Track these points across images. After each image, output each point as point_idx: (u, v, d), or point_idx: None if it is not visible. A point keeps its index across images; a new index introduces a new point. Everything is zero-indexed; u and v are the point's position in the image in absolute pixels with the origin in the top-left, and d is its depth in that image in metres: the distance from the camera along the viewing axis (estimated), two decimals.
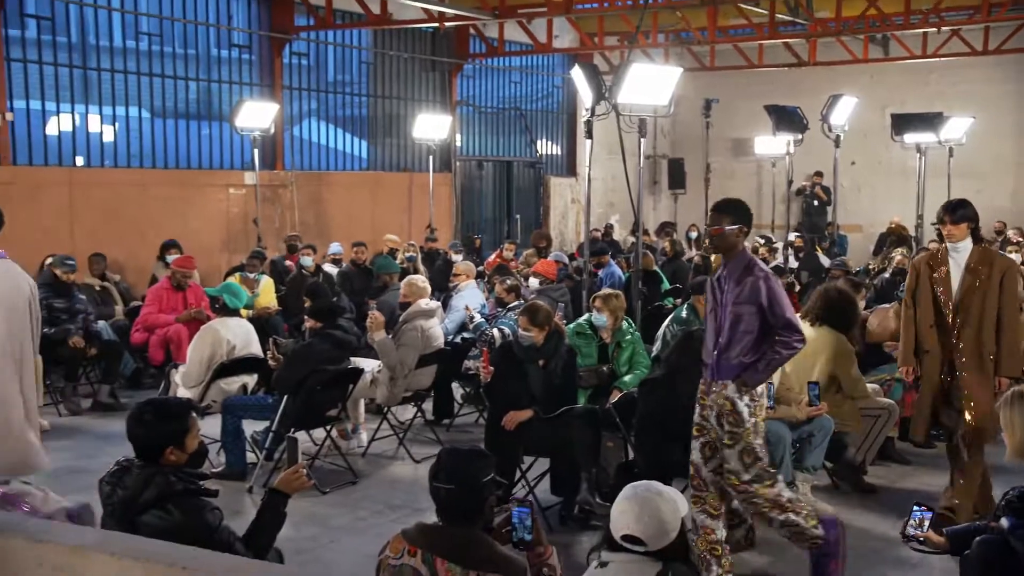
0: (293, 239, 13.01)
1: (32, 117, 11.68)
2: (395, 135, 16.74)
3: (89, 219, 11.81)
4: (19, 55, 11.47)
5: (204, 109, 13.84)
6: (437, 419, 8.78)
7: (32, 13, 11.62)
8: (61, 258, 9.61)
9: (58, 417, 8.96)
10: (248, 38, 14.23)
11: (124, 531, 3.57)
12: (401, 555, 3.21)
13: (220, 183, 13.67)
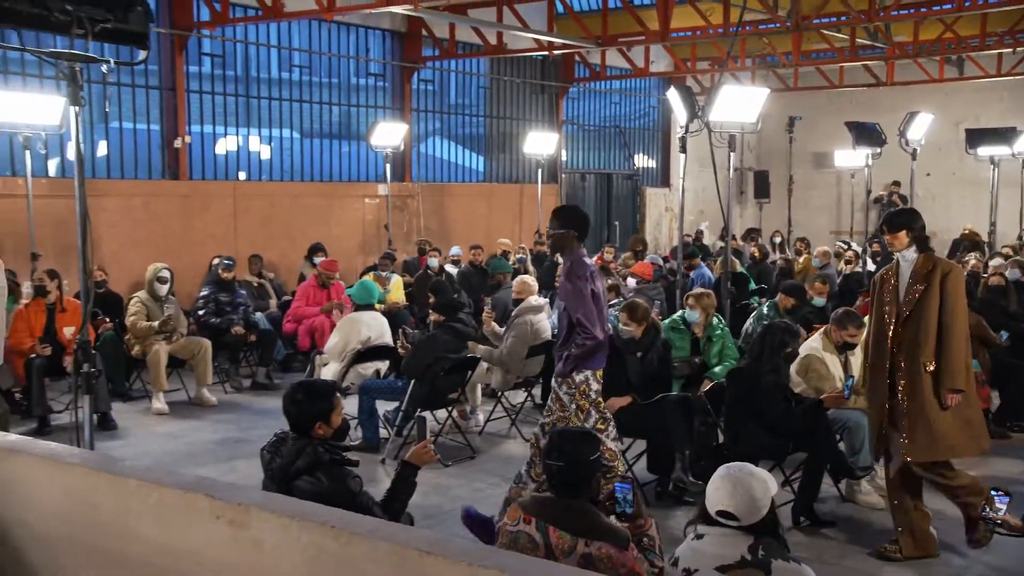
0: (423, 243, 13.20)
1: (205, 139, 12.09)
2: (508, 151, 16.81)
3: (249, 225, 12.16)
4: (196, 87, 11.89)
5: (344, 130, 14.13)
6: (545, 403, 8.79)
7: (207, 52, 12.04)
8: (223, 258, 9.95)
9: (224, 394, 9.26)
10: (383, 68, 14.47)
11: (281, 493, 3.68)
12: (517, 522, 3.23)
13: (357, 194, 13.93)
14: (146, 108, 11.36)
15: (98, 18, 3.92)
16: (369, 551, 2.76)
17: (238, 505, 3.01)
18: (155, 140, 11.56)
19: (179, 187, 11.54)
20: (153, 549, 3.17)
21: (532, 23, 13.34)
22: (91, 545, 3.32)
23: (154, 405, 8.53)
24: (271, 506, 3.01)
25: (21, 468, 3.50)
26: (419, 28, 14.22)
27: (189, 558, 3.09)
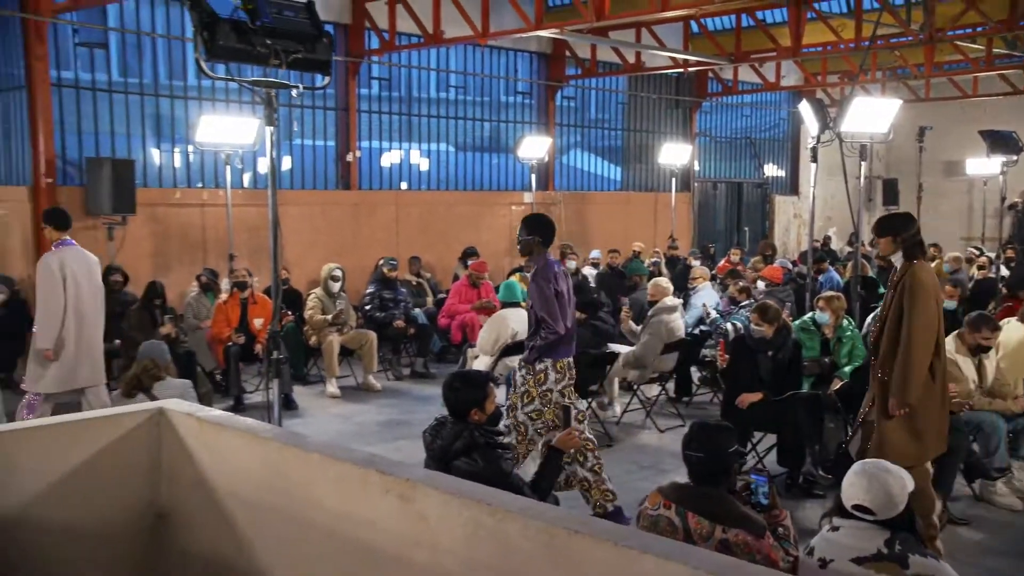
0: (564, 247, 13.20)
1: (372, 153, 12.49)
2: (644, 161, 16.63)
3: (409, 230, 12.47)
4: (366, 108, 12.31)
5: (494, 143, 14.31)
6: (678, 397, 8.67)
7: (376, 76, 12.44)
8: (387, 259, 10.26)
9: (387, 381, 9.53)
10: (529, 87, 14.59)
11: (441, 471, 3.77)
12: (658, 507, 3.20)
13: (505, 202, 14.09)
14: (323, 127, 11.84)
15: (291, 50, 4.13)
16: (522, 528, 2.79)
17: (406, 481, 3.11)
18: (330, 155, 12.03)
19: (350, 196, 11.96)
20: (333, 516, 3.31)
21: (668, 42, 13.18)
22: (282, 510, 3.49)
23: (328, 389, 8.88)
24: (434, 483, 3.08)
25: (226, 440, 3.72)
26: (563, 50, 14.26)
27: (364, 526, 3.21)
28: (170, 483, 4.03)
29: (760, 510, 3.33)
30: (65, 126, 9.44)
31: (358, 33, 11.62)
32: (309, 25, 4.20)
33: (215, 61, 4.09)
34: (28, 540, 3.61)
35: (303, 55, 4.20)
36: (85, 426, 4.00)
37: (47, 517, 3.66)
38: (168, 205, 10.12)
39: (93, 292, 6.52)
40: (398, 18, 11.37)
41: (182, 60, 10.46)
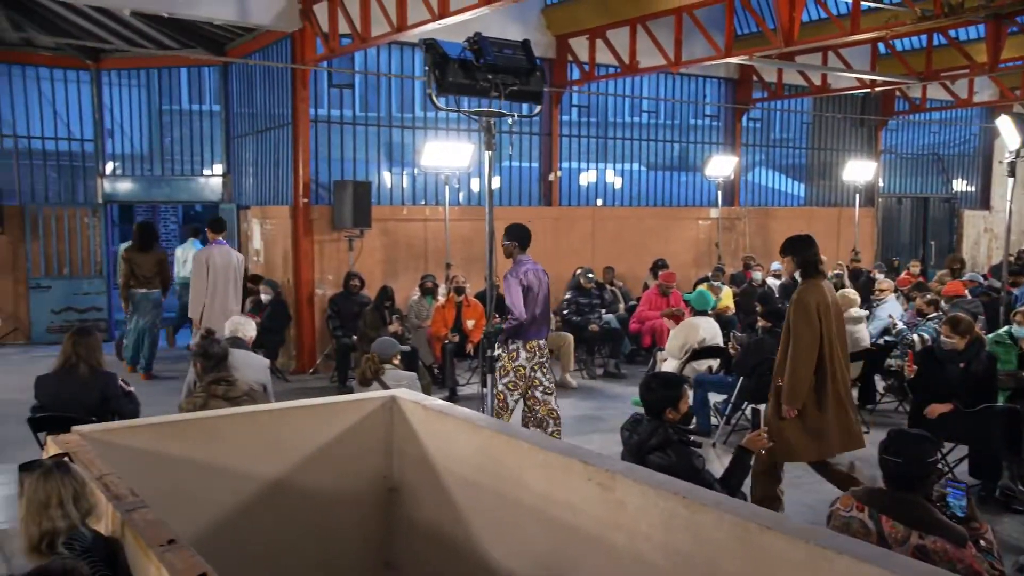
0: (748, 258, 12.73)
1: (571, 173, 12.60)
2: (827, 178, 15.69)
3: (604, 242, 12.46)
4: (566, 132, 12.45)
5: (683, 162, 14.01)
6: (862, 404, 8.10)
7: (575, 103, 12.56)
8: (584, 269, 10.30)
9: (582, 379, 9.56)
10: (717, 110, 14.18)
11: (637, 464, 3.73)
12: (850, 509, 3.00)
13: (692, 217, 13.75)
14: (529, 150, 12.08)
15: (509, 83, 4.24)
16: (715, 520, 2.71)
17: (606, 471, 3.10)
18: (534, 175, 12.24)
19: (551, 212, 12.12)
20: (539, 498, 3.35)
21: (855, 63, 12.37)
22: (495, 490, 3.58)
23: None
24: (633, 475, 3.05)
25: (447, 426, 3.86)
26: (750, 75, 13.75)
27: (566, 509, 3.22)
28: (400, 461, 4.24)
29: (957, 522, 3.04)
30: (318, 155, 10.19)
31: (561, 66, 11.76)
32: (525, 61, 4.30)
33: (444, 95, 4.26)
34: (291, 503, 3.91)
35: (519, 87, 4.30)
36: (333, 409, 4.29)
37: (305, 484, 3.95)
38: (396, 220, 10.67)
39: (228, 278, 8.18)
40: (597, 52, 11.40)
41: (411, 96, 11.02)
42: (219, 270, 8.13)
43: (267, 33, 10.08)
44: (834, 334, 4.86)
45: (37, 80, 12.02)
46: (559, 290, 10.90)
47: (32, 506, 2.44)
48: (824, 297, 4.88)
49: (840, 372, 4.88)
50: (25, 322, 11.80)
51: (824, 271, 5.07)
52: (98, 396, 4.95)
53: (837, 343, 4.87)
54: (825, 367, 4.82)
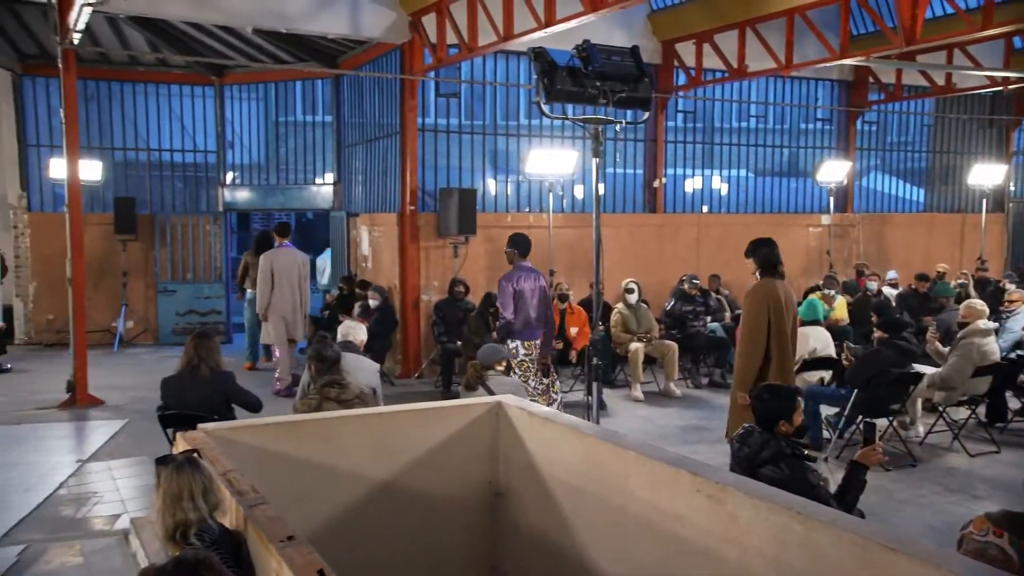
0: (861, 266, 12.23)
1: (676, 180, 12.42)
2: (950, 183, 14.87)
3: (709, 249, 12.22)
4: (671, 138, 12.29)
5: (792, 168, 13.58)
6: (991, 422, 7.62)
7: (681, 109, 12.37)
8: (690, 277, 10.12)
9: (686, 388, 9.39)
10: (830, 113, 13.68)
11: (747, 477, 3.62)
12: (986, 533, 2.80)
13: (802, 224, 13.30)
14: (633, 156, 11.98)
15: (617, 90, 4.23)
16: (833, 539, 2.61)
17: (716, 483, 3.03)
18: (639, 182, 12.13)
19: (655, 219, 11.98)
20: (646, 508, 3.31)
21: (985, 61, 11.67)
22: (600, 497, 3.56)
23: (633, 393, 8.94)
24: (744, 488, 2.98)
25: (553, 432, 3.87)
26: (866, 76, 13.19)
27: (674, 520, 3.17)
28: (505, 466, 4.28)
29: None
30: (425, 163, 10.42)
31: (667, 71, 11.62)
32: (633, 67, 4.27)
33: (552, 102, 4.28)
34: (399, 504, 4.01)
35: (627, 94, 4.28)
36: (440, 413, 4.37)
37: (412, 486, 4.04)
38: (501, 227, 10.76)
39: (292, 276, 9.02)
40: (704, 56, 11.20)
41: (516, 103, 11.12)
42: (283, 270, 9.03)
43: (377, 45, 10.39)
44: (785, 330, 5.27)
45: (168, 97, 12.81)
46: (663, 297, 10.74)
47: (167, 498, 2.60)
48: (776, 295, 5.30)
49: (787, 365, 5.30)
50: (153, 323, 12.56)
51: (782, 272, 5.41)
52: (219, 394, 5.21)
53: (787, 339, 5.30)
54: (772, 359, 5.22)
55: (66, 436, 7.37)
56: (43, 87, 12.25)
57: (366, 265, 11.11)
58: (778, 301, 5.22)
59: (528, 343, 6.71)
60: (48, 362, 10.78)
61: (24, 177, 12.34)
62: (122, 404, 8.38)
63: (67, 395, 8.34)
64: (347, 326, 6.18)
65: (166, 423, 5.19)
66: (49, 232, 11.88)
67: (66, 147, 8.26)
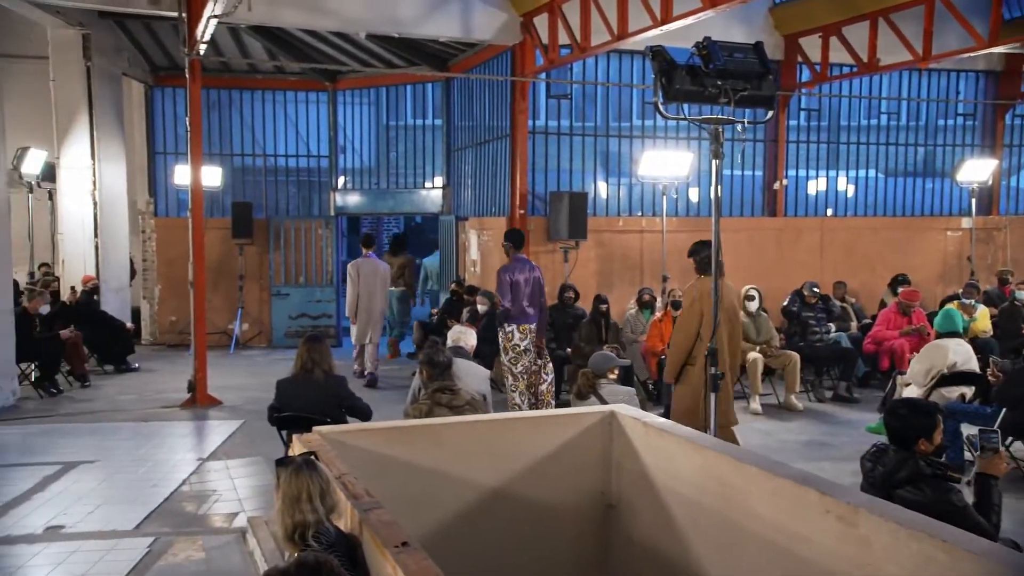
0: (1004, 273, 11.48)
1: (799, 182, 12.04)
2: None
3: (833, 255, 11.78)
4: (794, 138, 11.92)
5: (927, 168, 12.92)
6: None
7: (804, 107, 11.98)
8: (810, 284, 9.78)
9: (808, 402, 9.05)
10: (973, 107, 12.93)
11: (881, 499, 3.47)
12: None
13: (939, 227, 12.62)
14: (752, 157, 11.69)
15: (739, 88, 4.14)
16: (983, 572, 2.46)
17: (847, 504, 2.92)
18: (758, 184, 11.83)
19: (775, 223, 11.64)
20: (768, 527, 3.21)
21: None
22: (718, 513, 3.49)
23: (751, 405, 8.70)
24: (880, 510, 2.85)
25: (668, 444, 3.82)
26: (1018, 65, 12.37)
27: (800, 542, 3.07)
28: (618, 477, 4.25)
29: None
30: (535, 166, 10.50)
31: (790, 68, 11.27)
32: (757, 64, 4.17)
33: (670, 103, 4.24)
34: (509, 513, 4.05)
35: (749, 92, 4.18)
36: (552, 421, 4.40)
37: (523, 495, 4.07)
38: (612, 231, 10.73)
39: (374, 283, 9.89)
40: (831, 50, 10.80)
41: (628, 104, 11.05)
42: (366, 277, 10.02)
43: (488, 47, 10.55)
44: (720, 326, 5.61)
45: (284, 104, 13.44)
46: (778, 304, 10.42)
47: (286, 499, 2.71)
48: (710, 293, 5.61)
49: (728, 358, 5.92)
50: (267, 326, 13.16)
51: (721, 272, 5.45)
52: (332, 398, 5.40)
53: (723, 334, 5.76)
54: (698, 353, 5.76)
55: (188, 434, 7.82)
56: (171, 97, 13.08)
57: (475, 270, 11.28)
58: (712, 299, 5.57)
59: (523, 327, 7.68)
60: (171, 362, 11.47)
61: (152, 183, 13.20)
62: (238, 405, 8.82)
63: (188, 395, 8.84)
64: (457, 331, 6.28)
65: (280, 424, 5.42)
66: (173, 236, 12.64)
67: (190, 154, 8.78)
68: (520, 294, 7.60)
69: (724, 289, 5.73)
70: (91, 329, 10.24)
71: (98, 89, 11.36)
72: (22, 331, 8.91)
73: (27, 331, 9.01)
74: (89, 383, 9.79)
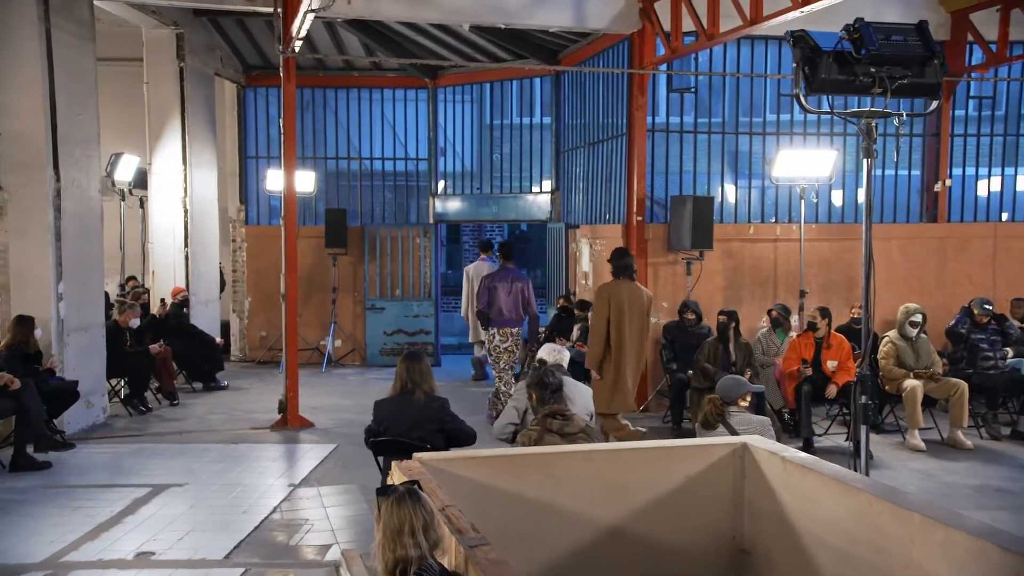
0: None
1: (966, 181, 11.48)
2: None
3: (1009, 267, 11.15)
4: (960, 131, 11.38)
5: None
6: None
7: (975, 94, 11.41)
8: (980, 300, 9.32)
9: (980, 439, 8.61)
10: None
11: None
12: None
13: None
14: (907, 155, 11.24)
15: (896, 76, 4.00)
16: None
17: None
18: (914, 185, 11.36)
19: (935, 229, 11.14)
20: None
21: None
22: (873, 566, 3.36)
23: (909, 440, 8.34)
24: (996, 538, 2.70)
25: (811, 484, 3.71)
26: None
27: None
28: (752, 519, 4.16)
29: None
30: (654, 167, 10.41)
31: (957, 49, 10.74)
32: (920, 47, 4.02)
33: (814, 95, 4.14)
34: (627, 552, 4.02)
35: (909, 80, 4.03)
36: (675, 453, 4.35)
37: (643, 534, 4.04)
38: (742, 240, 10.51)
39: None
40: (1012, 25, 10.21)
41: (761, 97, 10.82)
42: (472, 280, 11.71)
43: (603, 37, 10.57)
44: (622, 322, 7.46)
45: (381, 103, 13.85)
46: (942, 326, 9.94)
47: (388, 531, 2.77)
48: (619, 293, 7.51)
49: (630, 350, 7.51)
50: (361, 343, 13.53)
51: (632, 276, 7.62)
52: (433, 422, 5.49)
53: (629, 328, 7.48)
54: (615, 345, 7.47)
55: (278, 458, 8.12)
56: (263, 97, 13.69)
57: (586, 283, 11.27)
58: (620, 299, 7.49)
59: (504, 330, 9.42)
60: (260, 379, 11.95)
61: (243, 190, 13.82)
62: (330, 427, 9.09)
63: (279, 416, 9.18)
64: (549, 349, 6.29)
65: (375, 449, 5.56)
66: (264, 246, 13.20)
67: (283, 157, 9.16)
68: (498, 300, 9.32)
69: (634, 291, 7.56)
70: (181, 344, 10.80)
71: (191, 91, 12.02)
72: (113, 346, 9.50)
73: (118, 346, 9.60)
74: (178, 401, 10.31)
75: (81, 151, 8.97)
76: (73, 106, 8.81)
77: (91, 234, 9.21)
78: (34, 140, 8.43)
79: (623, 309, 7.42)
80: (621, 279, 7.54)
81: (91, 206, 9.20)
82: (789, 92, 10.06)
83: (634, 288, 7.56)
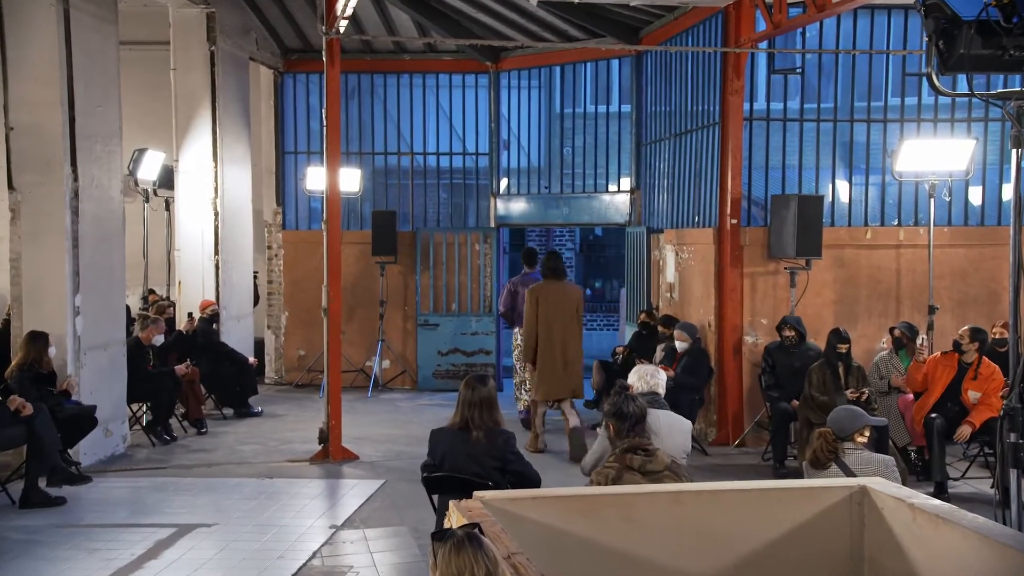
0: None
1: None
2: None
3: None
4: None
5: None
6: None
7: None
8: None
9: None
10: None
11: None
12: None
13: None
14: None
15: None
16: None
17: None
18: None
19: None
20: None
21: None
22: None
23: None
24: None
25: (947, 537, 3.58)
26: None
27: None
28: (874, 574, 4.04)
29: None
30: (752, 162, 10.29)
31: None
32: None
33: (949, 73, 4.03)
34: None
35: None
36: (780, 496, 4.26)
37: None
38: (857, 246, 10.32)
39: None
40: None
41: (880, 78, 10.60)
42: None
43: (693, 11, 10.50)
44: (548, 317, 9.54)
45: (436, 89, 13.96)
46: None
47: None
48: (547, 291, 9.64)
49: (556, 343, 9.52)
50: (412, 364, 13.61)
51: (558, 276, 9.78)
52: (496, 458, 5.46)
53: (555, 323, 9.54)
54: (543, 338, 9.53)
55: (319, 496, 8.19)
56: (303, 84, 13.93)
57: (671, 296, 11.18)
58: (547, 297, 9.59)
59: None
60: (299, 404, 12.10)
61: (280, 190, 14.02)
62: (376, 460, 9.15)
63: (319, 447, 9.27)
64: (641, 371, 6.19)
65: (430, 486, 5.55)
66: (303, 253, 13.39)
67: (326, 153, 9.28)
68: (520, 304, 10.47)
69: (560, 290, 9.68)
70: (210, 364, 10.98)
71: (223, 78, 12.23)
72: (134, 365, 9.68)
73: (140, 365, 9.77)
74: (206, 429, 10.49)
75: (102, 147, 9.19)
76: (93, 96, 9.02)
77: (112, 240, 9.41)
78: (50, 135, 8.61)
79: (548, 307, 9.55)
80: (550, 280, 9.76)
81: (112, 208, 9.41)
82: (918, 71, 9.85)
83: (560, 287, 9.75)
